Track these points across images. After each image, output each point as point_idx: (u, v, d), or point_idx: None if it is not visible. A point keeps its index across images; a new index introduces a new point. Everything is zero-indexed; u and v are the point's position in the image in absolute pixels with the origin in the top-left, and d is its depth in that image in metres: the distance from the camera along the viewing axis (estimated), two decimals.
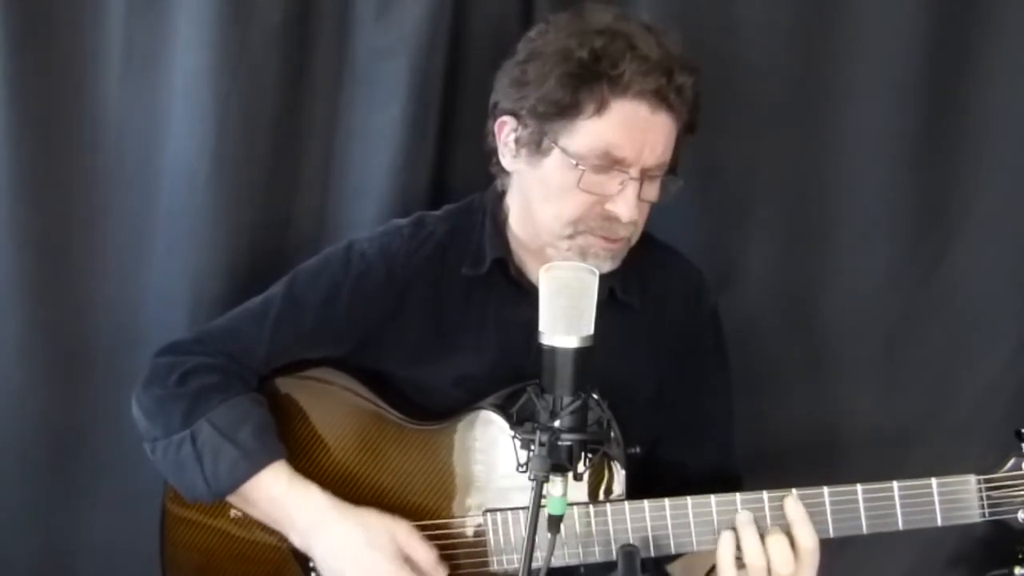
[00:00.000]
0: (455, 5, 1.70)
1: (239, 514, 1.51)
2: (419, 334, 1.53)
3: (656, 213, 1.62)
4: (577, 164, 1.38)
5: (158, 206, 1.73)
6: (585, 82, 1.36)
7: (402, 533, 1.42)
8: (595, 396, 1.32)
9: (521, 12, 1.71)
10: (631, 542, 1.36)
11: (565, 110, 1.37)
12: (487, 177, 1.57)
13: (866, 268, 1.81)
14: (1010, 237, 1.79)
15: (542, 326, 1.24)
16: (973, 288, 1.81)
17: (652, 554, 1.37)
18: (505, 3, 1.72)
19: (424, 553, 1.42)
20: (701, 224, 1.81)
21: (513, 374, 1.45)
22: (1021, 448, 1.34)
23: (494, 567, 1.43)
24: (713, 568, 1.37)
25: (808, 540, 1.33)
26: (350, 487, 1.49)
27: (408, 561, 1.41)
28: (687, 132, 1.46)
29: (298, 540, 1.45)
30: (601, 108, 1.36)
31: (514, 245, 1.54)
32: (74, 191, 1.71)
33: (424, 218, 1.58)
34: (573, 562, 1.39)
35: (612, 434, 1.40)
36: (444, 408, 1.51)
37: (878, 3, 1.72)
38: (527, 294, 1.49)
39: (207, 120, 1.67)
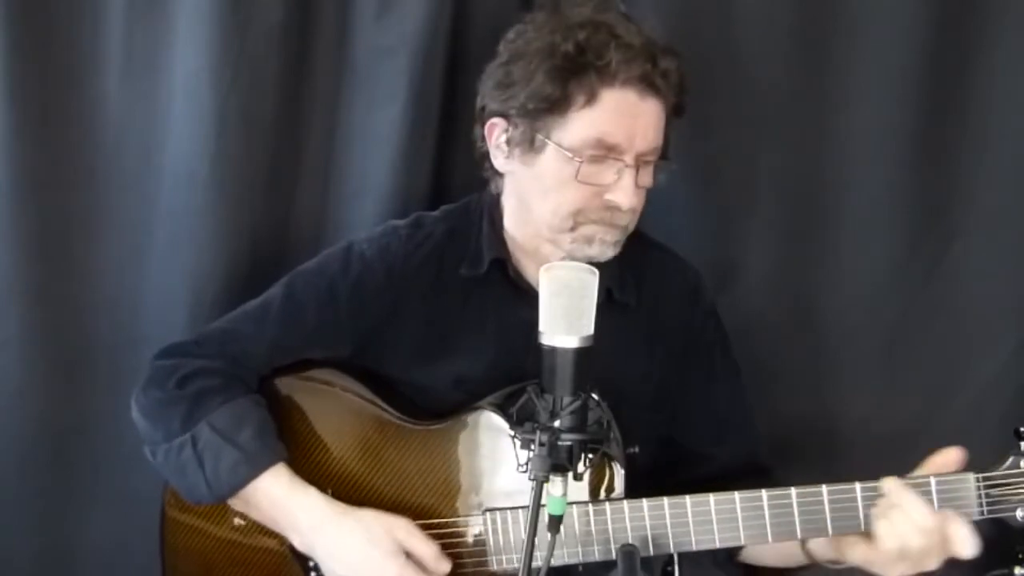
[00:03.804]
0: (455, 5, 1.70)
1: (239, 521, 1.51)
2: (418, 335, 1.53)
3: (657, 212, 1.62)
4: (573, 157, 1.39)
5: (158, 206, 1.73)
6: (574, 74, 1.38)
7: (401, 530, 1.42)
8: (595, 396, 1.33)
9: (521, 12, 1.71)
10: (630, 542, 1.36)
11: (556, 104, 1.39)
12: (486, 178, 1.57)
13: (866, 268, 1.82)
14: (1010, 237, 1.80)
15: (542, 326, 1.24)
16: (973, 288, 1.81)
17: (652, 553, 1.37)
18: (505, 3, 1.72)
19: (425, 548, 1.42)
20: (701, 223, 1.81)
21: (513, 374, 1.45)
22: (1020, 446, 1.34)
23: (494, 567, 1.43)
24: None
25: (927, 520, 1.29)
26: (350, 487, 1.49)
27: (409, 557, 1.41)
28: (675, 115, 1.46)
29: (299, 541, 1.45)
30: (591, 99, 1.38)
31: (511, 246, 1.54)
32: (74, 191, 1.71)
33: (422, 219, 1.59)
34: (572, 562, 1.39)
35: (612, 434, 1.40)
36: (444, 408, 1.50)
37: (878, 3, 1.72)
38: (525, 294, 1.49)
39: (207, 120, 1.67)
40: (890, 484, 1.32)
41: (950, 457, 1.34)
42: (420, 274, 1.53)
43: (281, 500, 1.43)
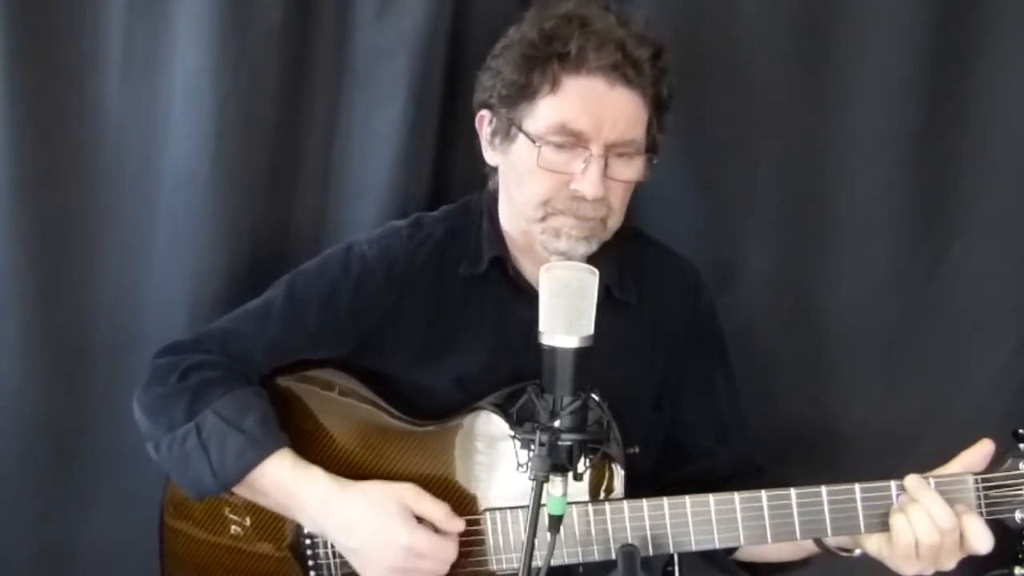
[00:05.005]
0: (455, 5, 1.70)
1: (237, 529, 1.51)
2: (419, 335, 1.53)
3: (657, 212, 1.62)
4: (535, 142, 1.40)
5: (158, 206, 1.73)
6: (538, 63, 1.40)
7: (409, 493, 1.42)
8: (595, 396, 1.32)
9: (520, 12, 1.71)
10: (630, 542, 1.36)
11: (523, 91, 1.41)
12: (486, 177, 1.57)
13: (866, 268, 1.82)
14: (1010, 237, 1.79)
15: (542, 326, 1.24)
16: (973, 288, 1.81)
17: (651, 553, 1.38)
18: (505, 3, 1.72)
19: (434, 509, 1.41)
20: (701, 223, 1.81)
21: (513, 374, 1.45)
22: (1019, 448, 1.34)
23: (493, 567, 1.43)
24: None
25: (947, 520, 1.30)
26: None
27: (421, 520, 1.41)
28: (658, 109, 1.46)
29: (309, 524, 1.45)
30: (554, 86, 1.39)
31: (509, 244, 1.54)
32: (74, 191, 1.71)
33: (422, 219, 1.59)
34: (572, 562, 1.39)
35: (612, 434, 1.40)
36: (444, 408, 1.50)
37: (878, 3, 1.72)
38: (524, 293, 1.50)
39: (207, 120, 1.67)
40: (912, 481, 1.33)
41: (983, 451, 1.34)
42: (421, 274, 1.53)
43: (287, 483, 1.43)
